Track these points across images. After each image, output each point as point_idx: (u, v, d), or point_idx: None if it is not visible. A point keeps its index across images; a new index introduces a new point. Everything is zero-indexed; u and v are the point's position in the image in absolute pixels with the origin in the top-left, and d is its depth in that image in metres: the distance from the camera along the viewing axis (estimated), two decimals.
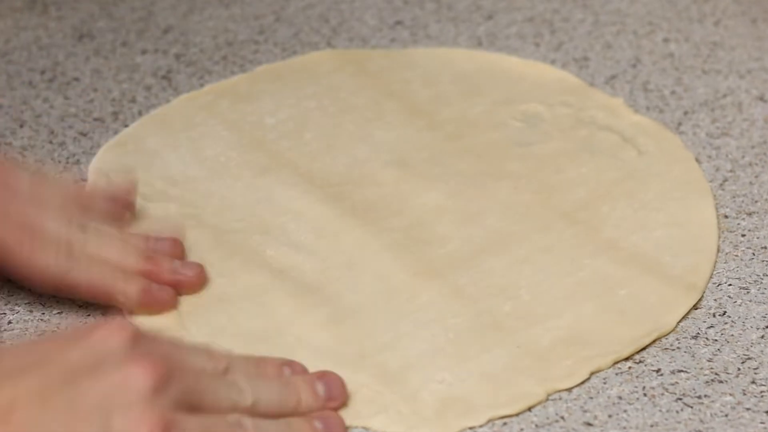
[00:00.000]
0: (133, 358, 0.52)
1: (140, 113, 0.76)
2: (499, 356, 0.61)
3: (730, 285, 0.65)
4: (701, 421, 0.59)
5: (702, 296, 0.65)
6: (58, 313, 0.64)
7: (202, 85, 0.78)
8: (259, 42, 0.82)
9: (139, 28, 0.83)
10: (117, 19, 0.84)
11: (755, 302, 0.64)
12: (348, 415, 0.59)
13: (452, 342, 0.62)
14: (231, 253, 0.67)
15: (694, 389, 0.60)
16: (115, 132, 0.75)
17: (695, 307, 0.64)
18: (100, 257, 0.63)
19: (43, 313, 0.64)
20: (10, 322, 0.64)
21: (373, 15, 0.84)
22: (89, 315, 0.64)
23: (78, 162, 0.73)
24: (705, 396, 0.60)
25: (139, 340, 0.53)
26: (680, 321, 0.63)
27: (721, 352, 0.62)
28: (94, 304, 0.65)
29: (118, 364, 0.52)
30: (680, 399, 0.60)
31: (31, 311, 0.64)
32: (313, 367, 0.60)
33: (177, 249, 0.65)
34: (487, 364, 0.61)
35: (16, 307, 0.65)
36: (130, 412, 0.51)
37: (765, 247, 0.67)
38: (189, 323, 0.63)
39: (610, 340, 0.62)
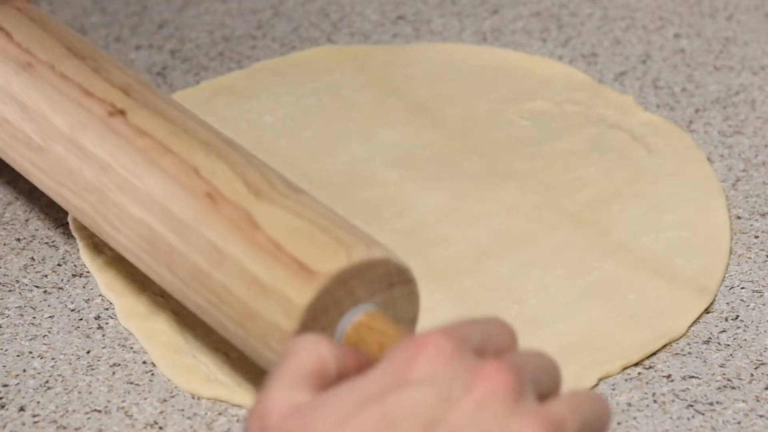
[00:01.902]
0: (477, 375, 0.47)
1: None
2: None
3: (742, 288, 0.65)
4: (713, 428, 0.59)
5: (714, 300, 0.65)
6: (50, 317, 0.64)
7: (198, 82, 0.78)
8: (257, 37, 0.82)
9: (133, 23, 0.83)
10: (110, 13, 0.84)
11: None
12: None
13: None
14: None
15: (705, 396, 0.60)
16: None
17: (707, 311, 0.64)
18: None
19: (34, 317, 0.64)
20: (0, 326, 0.64)
21: (374, 10, 0.84)
22: (81, 319, 0.64)
23: None
24: (717, 403, 0.60)
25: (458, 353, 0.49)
26: (691, 325, 0.64)
27: (733, 357, 0.62)
28: (85, 307, 0.64)
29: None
30: (691, 406, 0.60)
31: (21, 315, 0.65)
32: None
33: None
34: None
35: (6, 311, 0.65)
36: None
37: None
38: (185, 326, 0.63)
39: (619, 345, 0.63)
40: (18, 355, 0.62)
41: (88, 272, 0.66)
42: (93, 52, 0.66)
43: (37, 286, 0.66)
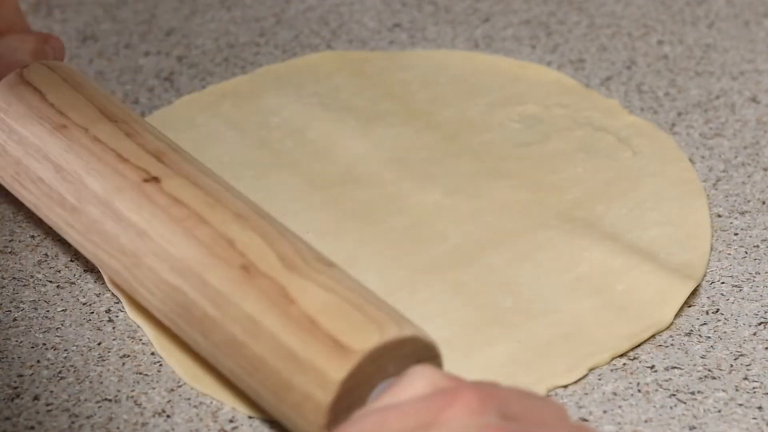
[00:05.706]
0: None
1: (143, 114, 0.76)
2: (500, 351, 0.62)
3: (723, 283, 0.66)
4: (694, 416, 0.59)
5: (696, 294, 0.65)
6: (63, 310, 0.65)
7: (204, 87, 0.78)
8: (260, 44, 0.82)
9: (142, 30, 0.83)
10: (120, 21, 0.84)
11: (748, 300, 0.65)
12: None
13: (456, 335, 0.62)
14: None
15: (687, 385, 0.61)
16: None
17: (689, 304, 0.64)
18: None
19: (48, 311, 0.65)
20: (15, 320, 0.64)
21: (372, 17, 0.84)
22: (92, 312, 0.64)
23: None
24: (698, 392, 0.60)
25: (489, 405, 0.50)
26: (674, 318, 0.63)
27: (714, 348, 0.62)
28: (96, 301, 0.65)
29: None
30: (674, 395, 0.60)
31: (36, 308, 0.65)
32: None
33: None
34: (489, 359, 0.61)
35: (21, 305, 0.65)
36: None
37: (757, 246, 0.68)
38: None
39: (608, 335, 0.63)
40: (32, 347, 0.63)
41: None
42: (125, 115, 0.65)
43: (50, 281, 0.66)
